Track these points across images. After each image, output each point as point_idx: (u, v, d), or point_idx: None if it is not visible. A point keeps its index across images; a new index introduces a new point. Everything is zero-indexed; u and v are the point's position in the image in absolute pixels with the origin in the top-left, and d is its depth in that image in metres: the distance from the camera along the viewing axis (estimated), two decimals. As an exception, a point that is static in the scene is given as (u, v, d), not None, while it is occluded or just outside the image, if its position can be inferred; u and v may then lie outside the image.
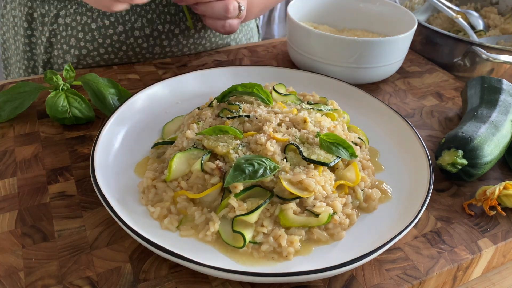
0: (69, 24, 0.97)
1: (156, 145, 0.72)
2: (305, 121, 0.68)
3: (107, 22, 0.96)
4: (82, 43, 0.98)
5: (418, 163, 0.69)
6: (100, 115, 0.82)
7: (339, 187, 0.65)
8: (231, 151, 0.62)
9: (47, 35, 1.00)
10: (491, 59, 0.95)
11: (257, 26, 1.30)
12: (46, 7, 0.97)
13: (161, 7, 0.97)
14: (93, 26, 0.96)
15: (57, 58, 1.02)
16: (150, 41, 1.00)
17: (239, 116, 0.69)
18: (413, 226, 0.63)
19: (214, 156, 0.64)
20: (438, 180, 0.72)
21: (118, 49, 0.99)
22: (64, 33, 0.98)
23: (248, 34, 1.21)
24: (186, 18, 1.00)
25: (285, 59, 1.04)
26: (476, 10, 1.29)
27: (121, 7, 0.76)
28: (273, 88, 0.79)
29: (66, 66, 0.81)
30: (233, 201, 0.59)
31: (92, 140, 0.76)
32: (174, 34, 1.01)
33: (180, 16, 1.00)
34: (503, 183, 0.66)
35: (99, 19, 0.96)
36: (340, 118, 0.76)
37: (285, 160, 0.63)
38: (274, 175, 0.61)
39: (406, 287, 0.56)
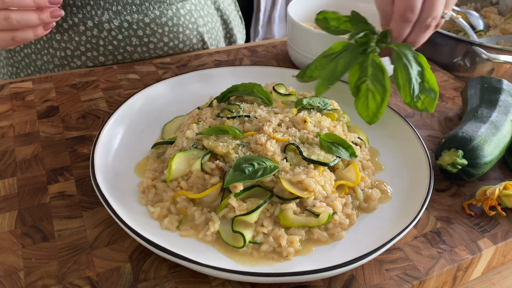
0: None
1: (156, 145, 0.72)
2: (305, 121, 0.68)
3: (76, 19, 0.97)
4: (63, 44, 0.99)
5: (418, 163, 0.69)
6: (99, 115, 0.82)
7: (339, 187, 0.65)
8: (231, 151, 0.62)
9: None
10: (491, 59, 0.95)
11: (240, 18, 1.29)
12: None
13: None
14: (65, 25, 0.97)
15: (48, 64, 1.02)
16: (124, 33, 1.00)
17: (239, 116, 0.69)
18: (413, 226, 0.63)
19: (214, 156, 0.64)
20: (438, 180, 0.72)
21: (96, 44, 0.99)
22: (44, 37, 0.99)
23: (227, 24, 1.20)
24: (153, 8, 1.00)
25: (285, 59, 1.04)
26: (476, 10, 1.29)
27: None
28: (273, 88, 0.79)
29: None
30: (233, 201, 0.59)
31: (92, 140, 0.76)
32: (146, 23, 1.01)
33: (146, 5, 1.00)
34: (503, 183, 0.66)
35: (68, 18, 0.96)
36: (340, 118, 0.76)
37: (285, 160, 0.63)
38: (274, 175, 0.61)
39: (406, 287, 0.56)
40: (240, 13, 1.29)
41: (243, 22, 1.32)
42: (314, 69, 0.76)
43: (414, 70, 0.70)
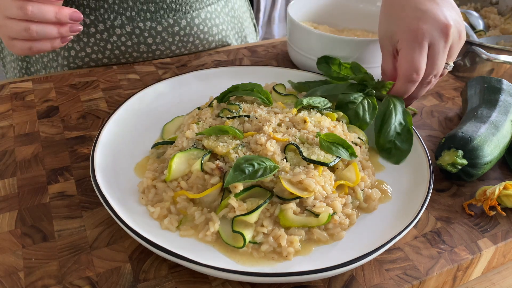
0: None
1: (156, 145, 0.72)
2: (305, 121, 0.68)
3: (87, 20, 0.97)
4: (69, 44, 0.98)
5: (418, 163, 0.69)
6: (99, 115, 0.82)
7: (339, 187, 0.64)
8: (231, 151, 0.62)
9: None
10: (491, 59, 0.95)
11: (254, 25, 1.30)
12: None
13: (139, 4, 0.97)
14: None
15: (53, 61, 1.02)
16: (134, 39, 1.00)
17: (239, 116, 0.69)
18: (413, 226, 0.63)
19: (214, 156, 0.64)
20: (438, 180, 0.72)
21: (104, 47, 0.99)
22: None
23: (241, 32, 1.21)
24: (167, 16, 1.00)
25: (285, 59, 1.04)
26: (476, 10, 1.29)
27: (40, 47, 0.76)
28: (273, 88, 0.79)
29: None
30: (233, 201, 0.59)
31: (92, 140, 0.76)
32: (157, 32, 1.01)
33: (161, 13, 0.99)
34: (503, 183, 0.66)
35: None
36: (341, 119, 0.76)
37: (285, 160, 0.63)
38: (274, 175, 0.61)
39: (406, 287, 0.56)
40: (254, 20, 1.30)
41: (257, 30, 1.32)
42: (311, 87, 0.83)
43: (397, 120, 0.74)
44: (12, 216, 0.62)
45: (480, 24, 1.20)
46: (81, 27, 0.77)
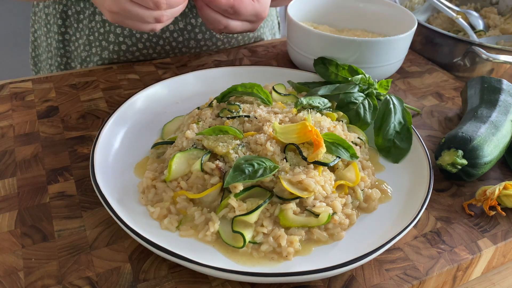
0: (106, 20, 0.98)
1: (156, 145, 0.72)
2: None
3: None
4: (120, 39, 1.00)
5: (418, 163, 0.69)
6: (99, 115, 0.82)
7: (339, 187, 0.64)
8: (231, 151, 0.62)
9: (86, 32, 1.01)
10: (491, 59, 0.95)
11: (278, 23, 1.31)
12: (82, 5, 0.99)
13: (193, 1, 0.98)
14: None
15: (94, 56, 1.03)
16: (185, 35, 1.02)
17: (239, 116, 0.69)
18: (413, 226, 0.63)
19: (214, 156, 0.64)
20: (438, 180, 0.72)
21: (156, 43, 1.02)
22: (102, 30, 1.00)
23: (272, 29, 1.22)
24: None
25: (285, 59, 1.04)
26: (476, 10, 1.29)
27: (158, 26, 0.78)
28: (273, 88, 0.79)
29: None
30: (233, 201, 0.59)
31: (92, 140, 0.76)
32: (207, 28, 1.03)
33: None
34: (503, 183, 0.66)
35: None
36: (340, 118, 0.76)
37: (285, 160, 0.63)
38: (274, 175, 0.61)
39: (406, 287, 0.56)
40: (279, 17, 1.31)
41: (280, 25, 1.33)
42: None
43: (396, 119, 0.75)
44: (12, 216, 0.62)
45: (480, 24, 1.20)
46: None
